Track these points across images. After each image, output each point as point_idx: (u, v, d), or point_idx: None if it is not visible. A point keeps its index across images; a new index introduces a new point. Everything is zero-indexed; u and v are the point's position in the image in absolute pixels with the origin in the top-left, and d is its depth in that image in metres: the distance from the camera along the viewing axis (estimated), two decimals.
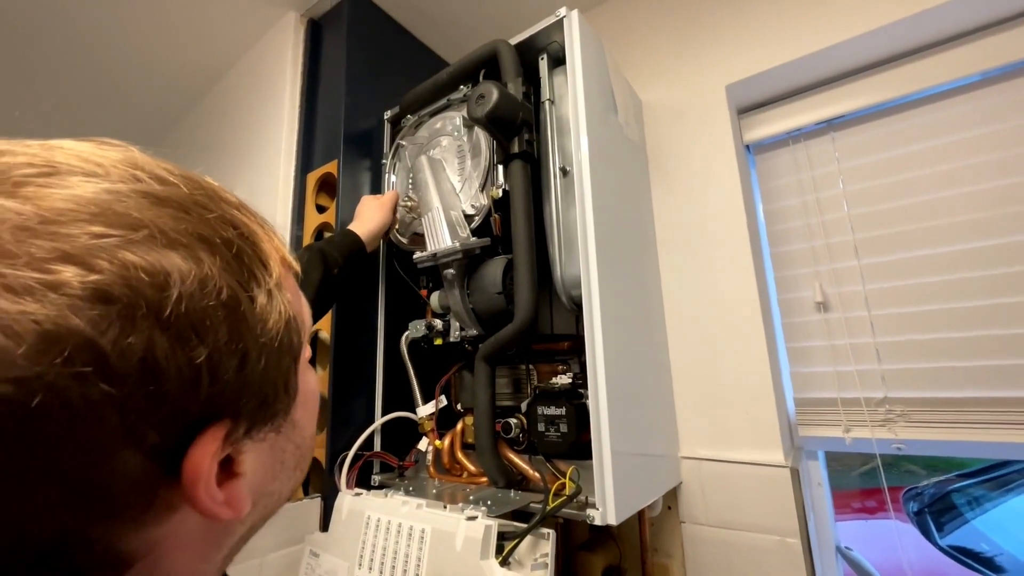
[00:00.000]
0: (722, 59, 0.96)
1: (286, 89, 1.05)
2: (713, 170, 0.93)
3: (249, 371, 0.21)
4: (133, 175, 0.20)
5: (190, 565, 0.22)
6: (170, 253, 0.19)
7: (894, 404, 0.79)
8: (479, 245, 0.74)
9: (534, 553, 0.54)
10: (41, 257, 0.16)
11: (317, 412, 0.31)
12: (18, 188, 0.17)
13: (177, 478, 0.19)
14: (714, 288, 0.89)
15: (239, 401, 0.21)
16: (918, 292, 0.80)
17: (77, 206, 0.18)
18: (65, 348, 0.16)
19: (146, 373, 0.17)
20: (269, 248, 0.24)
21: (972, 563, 1.41)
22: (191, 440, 0.19)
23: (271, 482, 0.25)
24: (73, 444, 0.16)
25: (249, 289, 0.22)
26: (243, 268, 0.22)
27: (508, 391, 0.81)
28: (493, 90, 0.70)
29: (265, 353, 0.22)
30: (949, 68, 0.81)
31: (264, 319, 0.22)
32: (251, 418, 0.22)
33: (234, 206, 0.23)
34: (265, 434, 0.23)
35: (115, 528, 0.18)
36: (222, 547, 0.24)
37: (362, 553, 0.61)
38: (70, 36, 1.13)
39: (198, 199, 0.21)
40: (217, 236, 0.21)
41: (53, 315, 0.16)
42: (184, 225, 0.20)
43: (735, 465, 0.80)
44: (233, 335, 0.20)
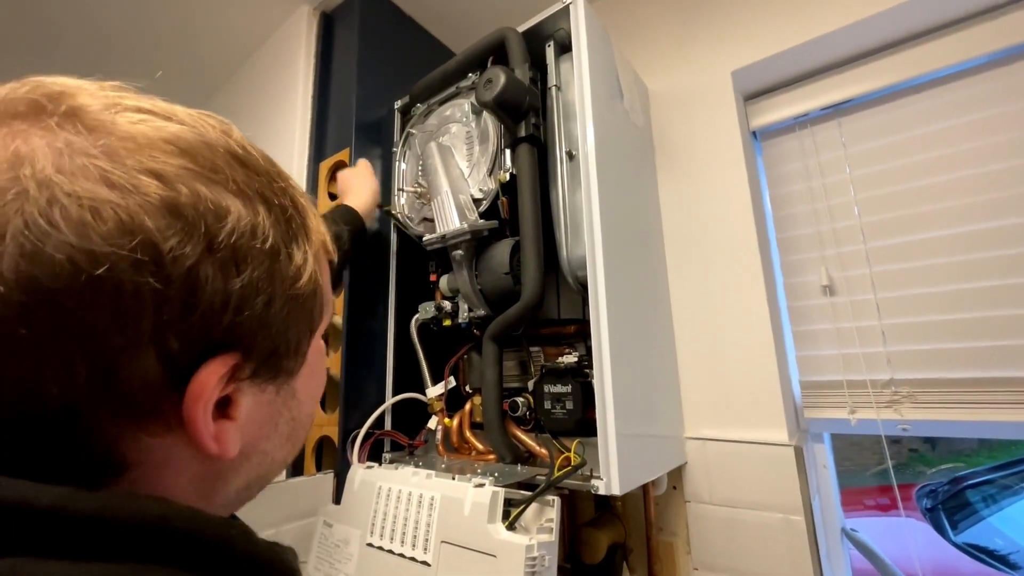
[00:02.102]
0: (728, 45, 0.97)
1: (299, 81, 1.08)
2: (719, 156, 0.94)
3: (273, 314, 0.24)
4: (226, 139, 0.24)
5: (183, 497, 0.23)
6: (235, 199, 0.22)
7: (900, 385, 0.79)
8: (487, 227, 0.76)
9: (540, 519, 0.55)
10: (138, 168, 0.20)
11: (319, 396, 0.33)
12: (143, 120, 0.21)
13: (179, 396, 0.21)
14: (720, 272, 0.90)
15: (255, 338, 0.23)
16: (924, 274, 0.80)
17: (178, 144, 0.22)
18: (135, 239, 0.19)
19: (188, 283, 0.20)
20: (314, 227, 0.28)
21: (987, 560, 1.40)
22: (205, 359, 0.21)
23: (263, 440, 0.27)
24: (113, 322, 0.19)
25: (289, 246, 0.25)
26: (290, 230, 0.25)
27: (515, 373, 0.83)
28: (501, 74, 0.71)
29: (289, 305, 0.25)
30: (955, 50, 0.81)
31: (296, 275, 0.25)
32: (260, 361, 0.24)
33: (298, 191, 0.28)
34: (266, 386, 0.25)
35: (117, 423, 0.20)
36: (216, 491, 0.25)
37: (374, 521, 0.64)
38: (89, 33, 1.17)
39: (270, 171, 0.26)
40: (276, 199, 0.25)
41: (133, 211, 0.19)
42: (253, 183, 0.24)
43: (740, 445, 0.81)
44: (266, 277, 0.23)
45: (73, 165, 0.19)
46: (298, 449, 0.31)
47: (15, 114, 0.20)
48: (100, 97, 0.21)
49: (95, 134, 0.20)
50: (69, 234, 0.18)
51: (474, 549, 0.52)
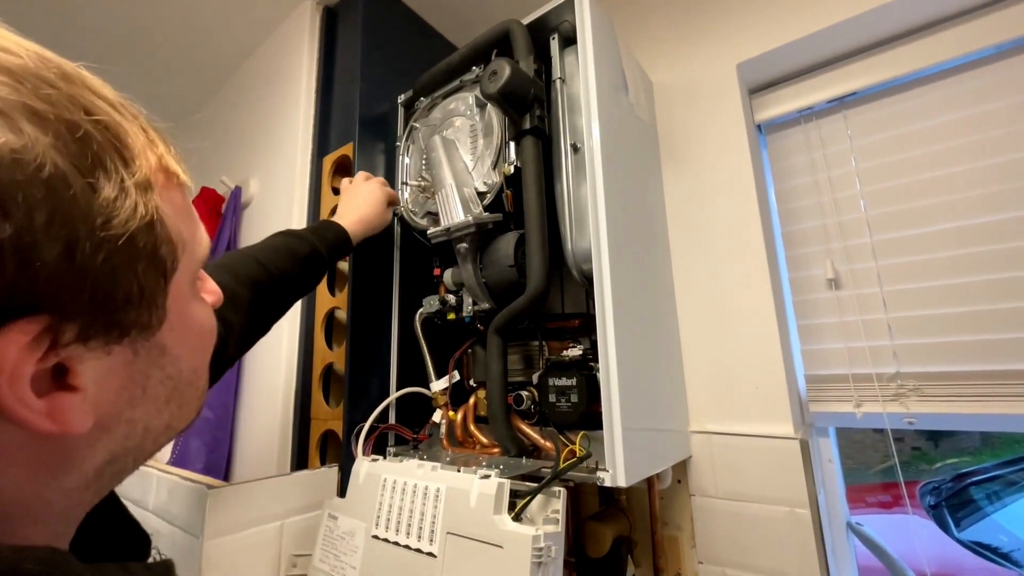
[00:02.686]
0: (733, 38, 0.96)
1: (303, 75, 1.08)
2: (724, 150, 0.94)
3: (80, 263, 0.19)
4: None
5: (19, 486, 0.20)
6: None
7: (906, 379, 0.79)
8: (492, 220, 0.76)
9: (545, 510, 0.55)
10: None
11: (206, 350, 0.29)
12: None
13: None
14: (725, 266, 0.90)
15: (63, 294, 0.19)
16: (931, 267, 0.80)
17: None
18: None
19: None
20: (140, 147, 0.23)
21: (992, 556, 1.39)
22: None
23: (128, 408, 0.23)
24: None
25: (90, 176, 0.19)
26: (87, 152, 0.20)
27: (520, 367, 0.83)
28: (505, 66, 0.71)
29: (107, 248, 0.20)
30: (962, 42, 0.80)
31: (108, 212, 0.20)
32: (85, 320, 0.20)
33: (103, 98, 0.22)
34: (111, 347, 0.21)
35: None
36: (66, 472, 0.22)
37: (379, 513, 0.64)
38: (92, 28, 1.17)
39: (43, 75, 0.19)
40: (53, 113, 0.19)
41: None
42: (10, 93, 0.18)
43: (745, 438, 0.81)
44: (56, 218, 0.18)
45: None
46: (192, 410, 0.28)
47: None
48: None
49: None
50: None
51: (480, 540, 0.52)
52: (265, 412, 0.95)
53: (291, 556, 0.72)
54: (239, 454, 1.01)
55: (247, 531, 0.67)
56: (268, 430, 0.93)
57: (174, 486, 0.74)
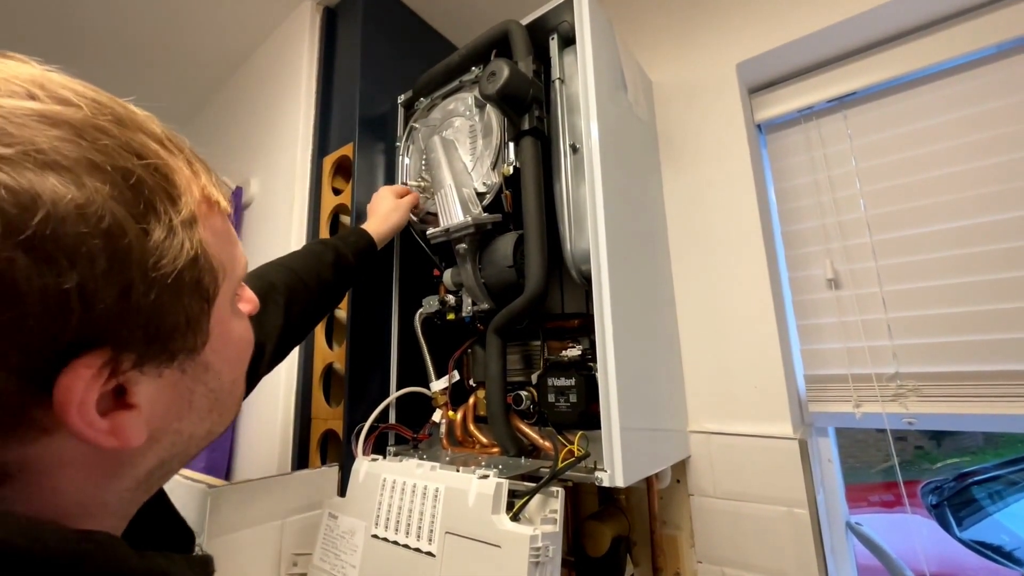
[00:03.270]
0: (732, 37, 0.96)
1: (303, 76, 1.08)
2: (724, 149, 0.94)
3: (135, 302, 0.20)
4: (28, 92, 0.19)
5: (80, 490, 0.22)
6: (46, 175, 0.18)
7: (906, 379, 0.79)
8: (491, 220, 0.76)
9: (544, 510, 0.55)
10: None
11: (244, 361, 0.31)
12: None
13: (51, 401, 0.19)
14: (724, 266, 0.90)
15: (120, 331, 0.20)
16: (931, 267, 0.80)
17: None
18: None
19: (3, 292, 0.17)
20: (185, 183, 0.24)
21: (994, 556, 1.39)
22: (64, 364, 0.19)
23: (176, 420, 0.25)
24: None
25: (143, 221, 0.21)
26: (139, 199, 0.21)
27: (519, 367, 0.83)
28: (504, 67, 0.71)
29: (157, 287, 0.21)
30: (963, 41, 0.80)
31: (159, 253, 0.21)
32: (140, 350, 0.21)
33: (152, 137, 0.23)
34: (162, 370, 0.23)
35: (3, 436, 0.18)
36: (121, 476, 0.24)
37: (378, 513, 0.64)
38: (94, 26, 1.18)
39: (99, 124, 0.20)
40: (110, 163, 0.20)
41: None
42: (71, 148, 0.19)
43: (744, 438, 0.81)
44: (114, 265, 0.19)
45: None
46: (230, 415, 0.29)
47: None
48: None
49: None
50: None
51: (478, 540, 0.53)
52: (266, 412, 0.95)
53: (292, 555, 0.72)
54: (240, 453, 1.01)
55: (248, 530, 0.67)
56: (269, 430, 0.93)
57: (175, 485, 0.74)
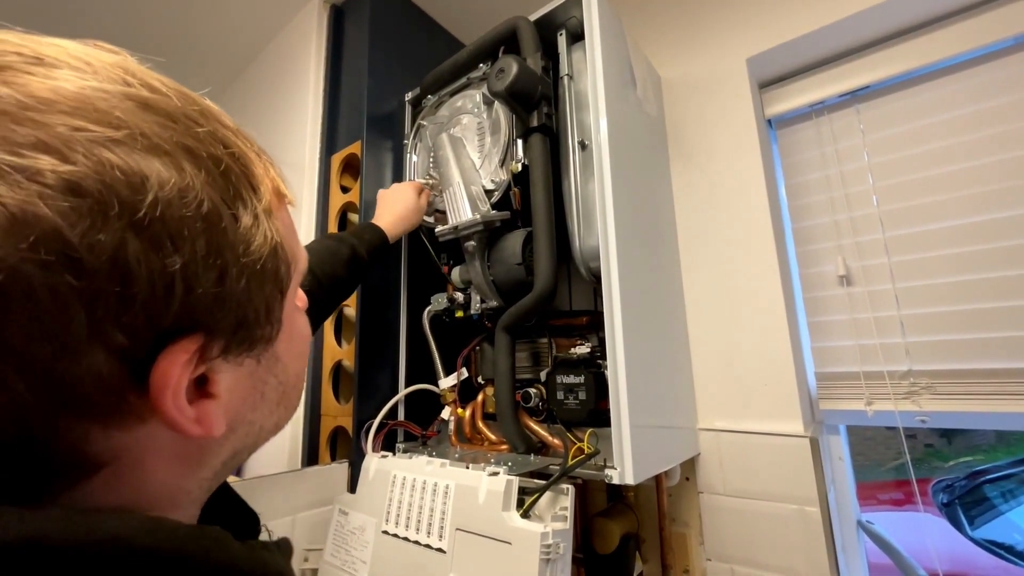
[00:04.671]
0: (742, 32, 0.95)
1: (311, 74, 1.09)
2: (733, 146, 0.93)
3: (228, 288, 0.21)
4: (123, 78, 0.20)
5: (167, 479, 0.22)
6: (151, 158, 0.19)
7: (919, 377, 0.78)
8: (499, 218, 0.76)
9: (554, 507, 0.56)
10: (17, 142, 0.16)
11: (306, 356, 0.31)
12: (17, 76, 0.17)
13: (145, 389, 0.19)
14: (734, 263, 0.89)
15: (215, 316, 0.21)
16: (945, 263, 0.79)
17: (59, 97, 0.17)
18: (31, 235, 0.16)
19: (116, 272, 0.17)
20: (261, 174, 0.24)
21: (1006, 555, 1.37)
22: (162, 348, 0.19)
23: (250, 411, 0.26)
24: (39, 333, 0.16)
25: (233, 207, 0.21)
26: (229, 186, 0.21)
27: (527, 364, 0.83)
28: (513, 64, 0.71)
29: (247, 273, 0.22)
30: (978, 34, 0.79)
31: (247, 239, 0.22)
32: (228, 337, 0.22)
33: (230, 129, 0.24)
34: (243, 359, 0.23)
35: (81, 427, 0.18)
36: (203, 466, 0.24)
37: (388, 509, 0.64)
38: (99, 25, 1.18)
39: (189, 112, 0.21)
40: (204, 150, 0.21)
41: (21, 200, 0.16)
42: (169, 134, 0.20)
43: (754, 436, 0.80)
44: (212, 249, 0.20)
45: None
46: (293, 410, 0.30)
47: None
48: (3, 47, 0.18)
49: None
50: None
51: (489, 536, 0.53)
52: None
53: (303, 550, 0.73)
54: None
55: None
56: None
57: None
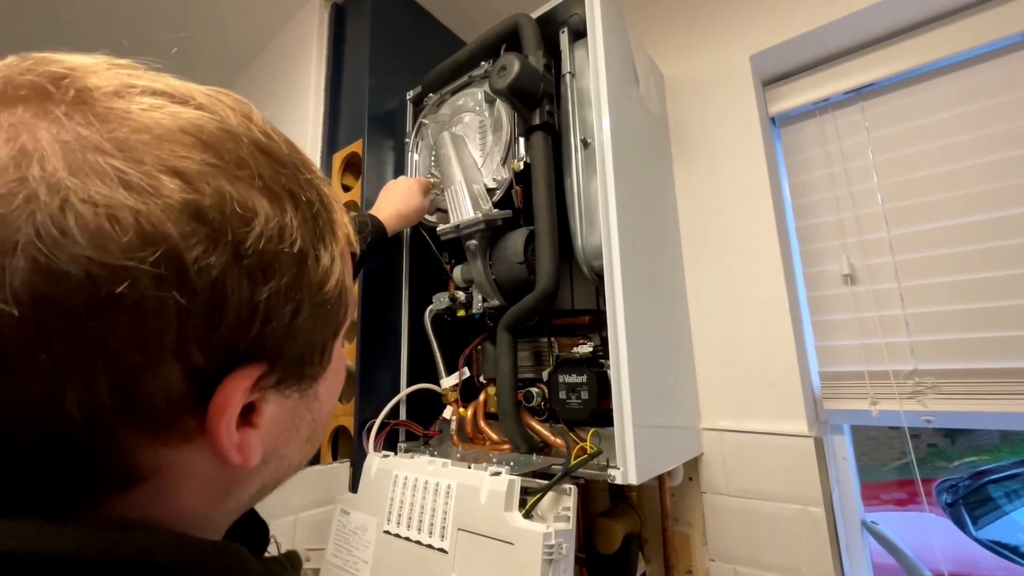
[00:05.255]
0: (745, 29, 0.94)
1: (312, 73, 1.08)
2: (737, 144, 0.92)
3: (299, 323, 0.22)
4: (247, 124, 0.22)
5: (195, 504, 0.22)
6: (262, 197, 0.21)
7: (924, 376, 0.77)
8: (501, 216, 0.75)
9: (556, 508, 0.55)
10: (157, 166, 0.18)
11: (338, 393, 0.32)
12: (158, 106, 0.19)
13: (202, 409, 0.20)
14: (737, 262, 0.88)
15: (281, 348, 0.22)
16: (950, 262, 0.78)
17: (198, 134, 0.20)
18: (158, 250, 0.17)
19: (213, 295, 0.19)
20: (340, 221, 0.26)
21: (1010, 556, 1.37)
22: (228, 372, 0.20)
23: (283, 445, 0.26)
24: (135, 340, 0.17)
25: (317, 249, 0.23)
26: (317, 229, 0.23)
27: (529, 364, 0.82)
28: (515, 61, 0.70)
29: (316, 311, 0.23)
30: (984, 31, 0.78)
31: (323, 280, 0.23)
32: (285, 370, 0.23)
33: (320, 178, 0.26)
34: (290, 393, 0.24)
35: (136, 439, 0.19)
36: (229, 496, 0.25)
37: (390, 509, 0.64)
38: (101, 24, 1.18)
39: (295, 160, 0.24)
40: (304, 195, 0.23)
41: (155, 217, 0.17)
42: (280, 177, 0.22)
43: (758, 436, 0.80)
44: (295, 285, 0.22)
45: (86, 163, 0.17)
46: (316, 448, 0.30)
47: (16, 98, 0.18)
48: (110, 78, 0.20)
49: (107, 125, 0.18)
50: (86, 245, 0.16)
51: (491, 536, 0.53)
52: None
53: (304, 550, 0.73)
54: None
55: None
56: None
57: None
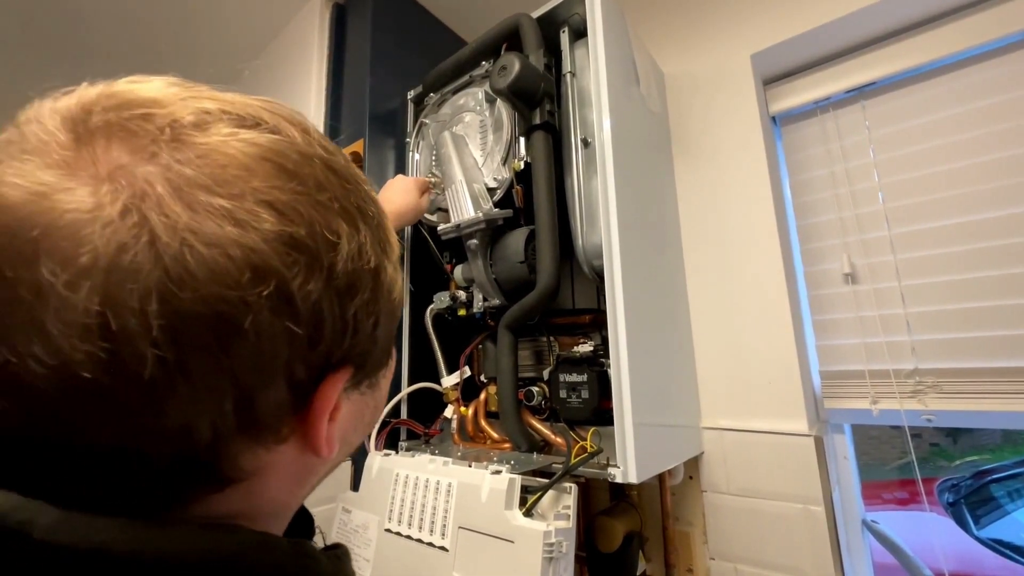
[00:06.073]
0: (746, 28, 0.94)
1: (312, 72, 1.09)
2: (738, 142, 0.92)
3: (380, 330, 0.24)
4: (309, 139, 0.22)
5: (280, 496, 0.24)
6: (341, 219, 0.22)
7: (925, 375, 0.77)
8: (502, 216, 0.75)
9: (557, 506, 0.55)
10: (255, 200, 0.19)
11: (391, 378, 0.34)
12: (235, 134, 0.20)
13: (297, 413, 0.22)
14: (738, 261, 0.88)
15: (366, 355, 0.24)
16: (952, 261, 0.78)
17: (279, 161, 0.20)
18: (270, 284, 0.18)
19: (314, 317, 0.20)
20: (390, 228, 0.27)
21: (1012, 555, 1.36)
22: (322, 379, 0.22)
23: (351, 432, 0.28)
24: (255, 364, 0.19)
25: (383, 260, 0.25)
26: (381, 241, 0.25)
27: (530, 362, 0.83)
28: (515, 61, 0.71)
29: (387, 317, 0.25)
30: (985, 29, 0.78)
31: (391, 287, 0.25)
32: (365, 371, 0.25)
33: (370, 186, 0.26)
34: (364, 388, 0.26)
35: (244, 446, 0.21)
36: (305, 484, 0.27)
37: (391, 507, 0.64)
38: (104, 24, 1.19)
39: (354, 174, 0.24)
40: (368, 209, 0.24)
41: (263, 253, 0.18)
42: (350, 196, 0.23)
43: (758, 435, 0.80)
44: (373, 297, 0.23)
45: (195, 202, 0.18)
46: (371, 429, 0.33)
47: (109, 137, 0.18)
48: (187, 107, 0.20)
49: (203, 161, 0.19)
50: (210, 284, 0.17)
51: (491, 535, 0.53)
52: None
53: None
54: None
55: None
56: None
57: None
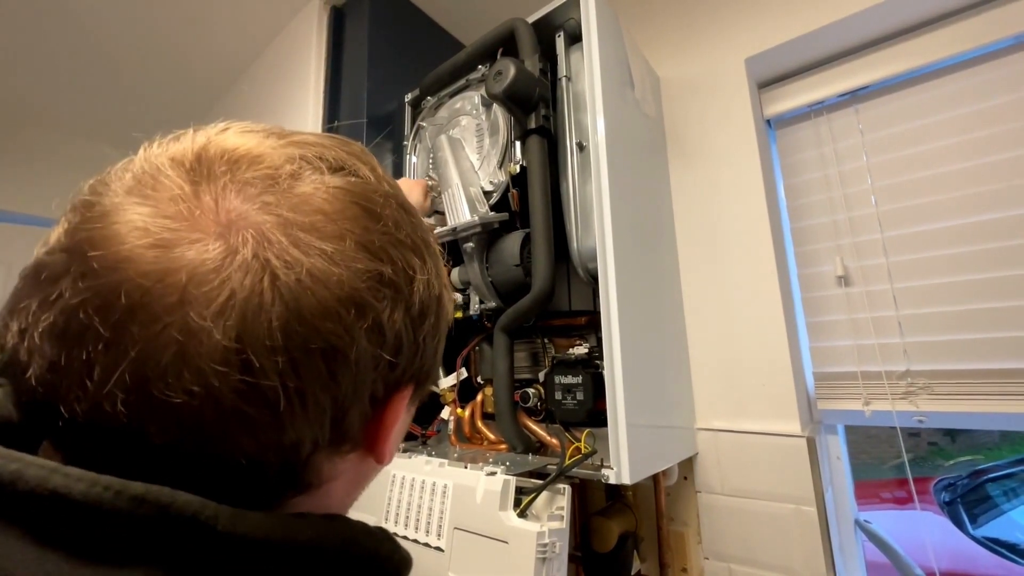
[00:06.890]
0: (741, 32, 0.95)
1: (310, 75, 1.09)
2: (732, 145, 0.93)
3: (440, 351, 0.28)
4: (378, 176, 0.25)
5: (341, 498, 0.26)
6: (414, 256, 0.24)
7: (917, 377, 0.78)
8: (497, 219, 0.76)
9: (551, 507, 0.56)
10: (351, 245, 0.21)
11: None
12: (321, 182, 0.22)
13: (371, 425, 0.24)
14: (732, 263, 0.89)
15: (428, 373, 0.27)
16: (944, 263, 0.79)
17: (363, 205, 0.23)
18: (368, 319, 0.21)
19: (395, 343, 0.23)
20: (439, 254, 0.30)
21: (1007, 554, 1.37)
22: (392, 395, 0.24)
23: (397, 439, 0.29)
24: (352, 389, 0.21)
25: (443, 288, 0.27)
26: (438, 268, 0.27)
27: (526, 364, 0.83)
28: (511, 66, 0.71)
29: (442, 339, 0.28)
30: (978, 34, 0.78)
31: (448, 312, 0.28)
32: (419, 386, 0.27)
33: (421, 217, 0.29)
34: (416, 402, 0.28)
35: (327, 456, 0.23)
36: (360, 487, 0.28)
37: (388, 508, 0.65)
38: (99, 27, 1.19)
39: (412, 206, 0.27)
40: (431, 241, 0.27)
41: (360, 290, 0.21)
42: (417, 231, 0.25)
43: (752, 436, 0.81)
44: (437, 323, 0.26)
45: (304, 245, 0.20)
46: None
47: (226, 187, 0.20)
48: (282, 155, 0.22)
49: (305, 207, 0.21)
50: (323, 320, 0.20)
51: (486, 535, 0.54)
52: None
53: None
54: None
55: None
56: None
57: None
